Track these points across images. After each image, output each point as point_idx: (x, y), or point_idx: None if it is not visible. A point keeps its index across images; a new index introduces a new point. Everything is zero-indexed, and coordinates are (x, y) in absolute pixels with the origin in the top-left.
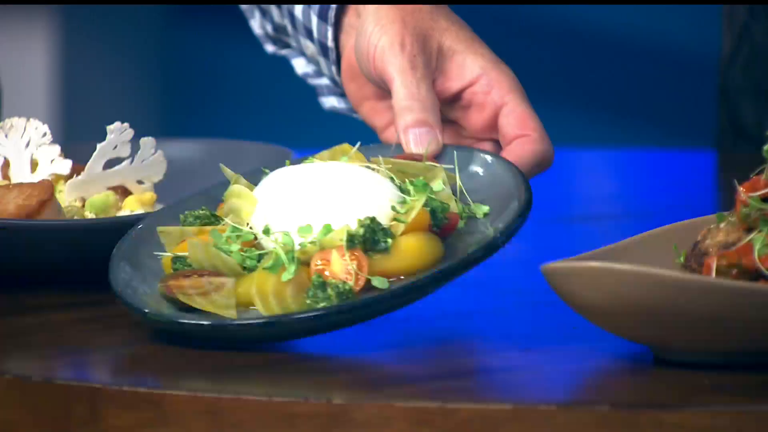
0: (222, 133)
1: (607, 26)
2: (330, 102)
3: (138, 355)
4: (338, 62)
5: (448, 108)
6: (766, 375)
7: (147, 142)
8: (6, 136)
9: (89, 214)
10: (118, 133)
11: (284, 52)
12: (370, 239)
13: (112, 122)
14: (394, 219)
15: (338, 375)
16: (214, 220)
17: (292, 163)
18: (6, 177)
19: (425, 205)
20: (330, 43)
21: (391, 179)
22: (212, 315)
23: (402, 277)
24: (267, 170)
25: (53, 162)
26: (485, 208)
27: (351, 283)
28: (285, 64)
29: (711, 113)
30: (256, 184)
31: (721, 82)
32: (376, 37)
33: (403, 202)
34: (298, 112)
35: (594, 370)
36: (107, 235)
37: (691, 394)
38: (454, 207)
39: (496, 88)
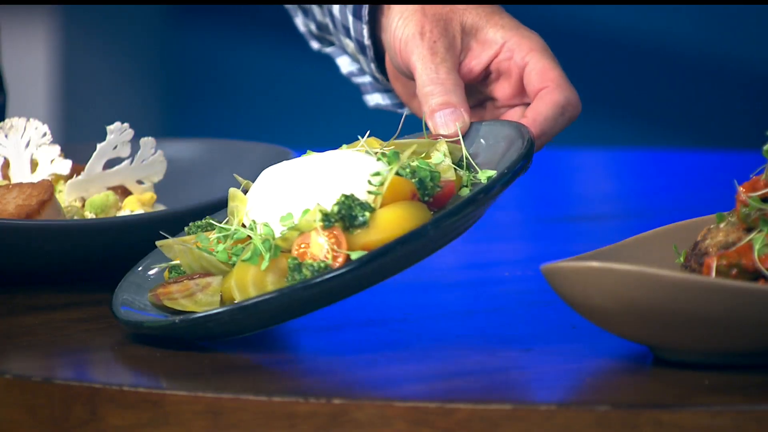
0: (222, 133)
1: (607, 26)
2: (374, 99)
3: (138, 355)
4: (376, 59)
5: (482, 85)
6: (766, 375)
7: (147, 142)
8: (6, 136)
9: (89, 214)
10: (118, 133)
11: (329, 50)
12: (347, 215)
13: (112, 122)
14: (368, 191)
15: (338, 375)
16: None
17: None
18: (6, 177)
19: (413, 175)
20: (366, 41)
21: (378, 157)
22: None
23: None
24: None
25: (53, 162)
26: (490, 173)
27: (328, 261)
28: (285, 64)
29: (711, 113)
30: None
31: None
32: (400, 30)
33: (377, 174)
34: (298, 112)
35: (594, 370)
36: (107, 235)
37: (691, 394)
38: (452, 175)
39: (517, 50)
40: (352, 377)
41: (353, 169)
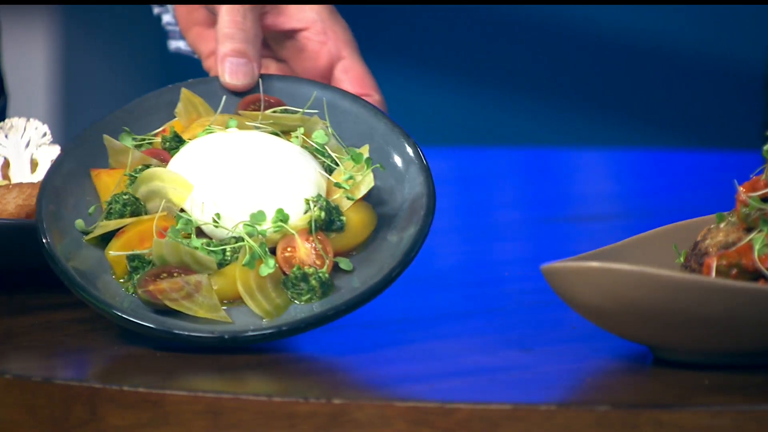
0: None
1: (607, 26)
2: (175, 44)
3: (138, 355)
4: None
5: (280, 47)
6: (766, 375)
7: None
8: (6, 136)
9: None
10: None
11: (157, 10)
12: (327, 220)
13: None
14: (346, 196)
15: (338, 375)
16: (138, 204)
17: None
18: (6, 177)
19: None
20: None
21: (311, 152)
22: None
23: (353, 253)
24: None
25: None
26: (364, 154)
27: (325, 269)
28: None
29: (711, 113)
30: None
31: None
32: None
33: (350, 178)
34: None
35: (594, 370)
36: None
37: (691, 394)
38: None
39: (333, 39)
40: (352, 377)
41: (310, 167)
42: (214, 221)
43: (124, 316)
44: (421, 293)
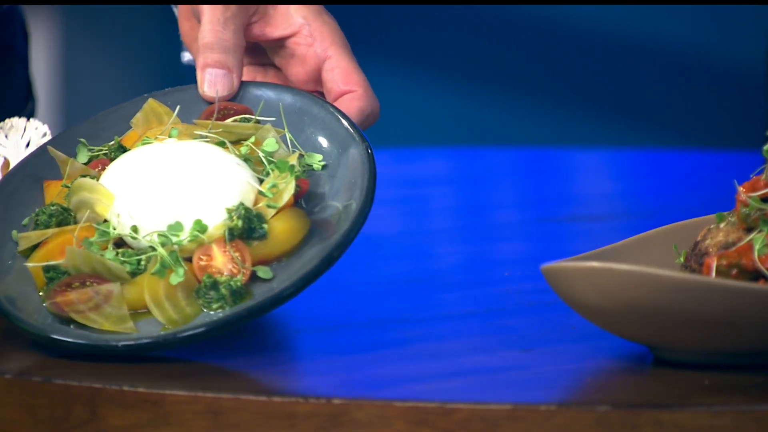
0: None
1: (607, 27)
2: (188, 55)
3: (138, 355)
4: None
5: (274, 55)
6: (766, 375)
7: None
8: (6, 136)
9: None
10: None
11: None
12: (246, 228)
13: None
14: (267, 204)
15: (338, 375)
16: (67, 214)
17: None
18: None
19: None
20: None
21: (245, 159)
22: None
23: (280, 260)
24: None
25: None
26: (318, 157)
27: (240, 278)
28: None
29: (711, 113)
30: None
31: None
32: None
33: (273, 186)
34: None
35: (594, 370)
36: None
37: (691, 394)
38: (297, 167)
39: (318, 40)
40: (352, 377)
41: (236, 175)
42: (132, 232)
43: (28, 328)
44: (421, 293)
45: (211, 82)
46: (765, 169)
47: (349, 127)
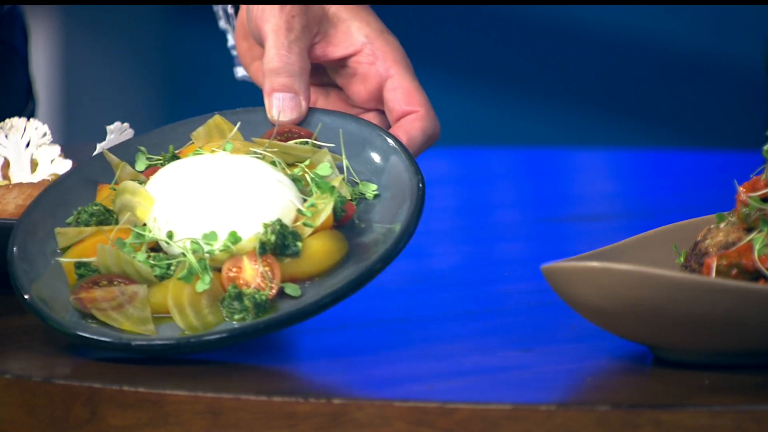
0: None
1: (607, 26)
2: (241, 71)
3: (137, 355)
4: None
5: (335, 74)
6: (766, 375)
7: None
8: (6, 136)
9: None
10: (118, 133)
11: (221, 24)
12: (280, 244)
13: (112, 122)
14: (303, 223)
15: (338, 375)
16: (109, 215)
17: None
18: (6, 177)
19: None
20: (230, 9)
21: (294, 179)
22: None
23: (312, 280)
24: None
25: (53, 162)
26: (373, 187)
27: (266, 292)
28: None
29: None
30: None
31: None
32: None
33: (312, 205)
34: None
35: (594, 370)
36: None
37: (691, 394)
38: (347, 193)
39: (381, 59)
40: (352, 377)
41: (279, 192)
42: (166, 238)
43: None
44: (421, 293)
45: (279, 107)
46: (765, 169)
47: (406, 159)
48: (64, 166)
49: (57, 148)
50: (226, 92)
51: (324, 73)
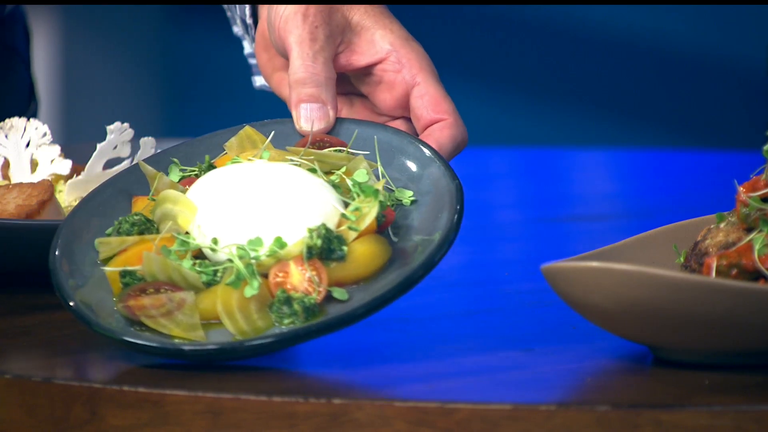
0: None
1: (607, 26)
2: (260, 80)
3: (138, 355)
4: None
5: (359, 83)
6: (766, 375)
7: (147, 142)
8: (6, 136)
9: None
10: (118, 133)
11: (236, 29)
12: (326, 249)
13: (112, 122)
14: (349, 226)
15: (338, 375)
16: (150, 225)
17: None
18: (6, 177)
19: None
20: (248, 19)
21: (333, 185)
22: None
23: (357, 284)
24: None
25: (53, 162)
26: (409, 193)
27: (314, 296)
28: None
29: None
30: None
31: None
32: (283, 7)
33: (357, 209)
34: None
35: (594, 370)
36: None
37: (691, 394)
38: (384, 198)
39: (407, 66)
40: (352, 377)
41: (322, 197)
42: (211, 244)
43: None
44: (421, 293)
45: (307, 117)
46: (765, 169)
47: (442, 165)
48: (64, 166)
49: (57, 148)
50: (226, 92)
51: (348, 83)
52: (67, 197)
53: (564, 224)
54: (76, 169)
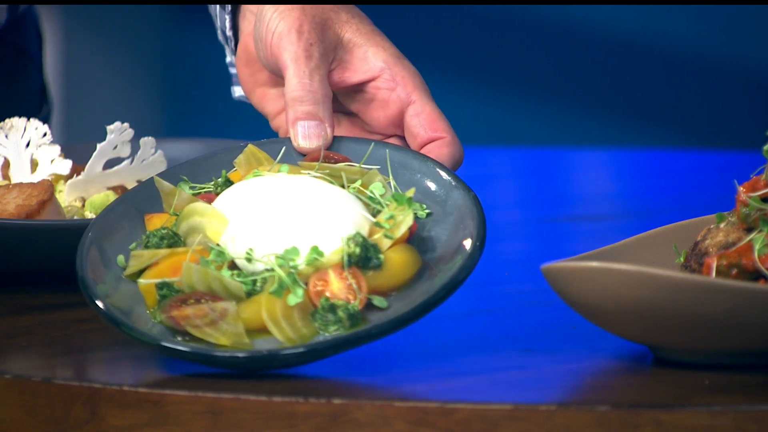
0: (222, 132)
1: (607, 26)
2: (239, 91)
3: (138, 355)
4: (237, 50)
5: (349, 100)
6: (766, 375)
7: (147, 142)
8: (6, 136)
9: (89, 214)
10: (118, 133)
11: (219, 36)
12: (363, 257)
13: (112, 122)
14: (384, 235)
15: (338, 375)
16: (177, 239)
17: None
18: (6, 177)
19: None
20: (228, 31)
21: (357, 197)
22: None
23: (392, 292)
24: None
25: (53, 162)
26: (423, 206)
27: (356, 303)
28: None
29: (711, 113)
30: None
31: None
32: (275, 23)
33: (391, 217)
34: None
35: (594, 370)
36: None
37: (691, 394)
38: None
39: (401, 84)
40: (352, 377)
41: (351, 206)
42: (247, 255)
43: (152, 340)
44: None
45: (305, 135)
46: (765, 169)
47: (450, 177)
48: (64, 166)
49: (57, 148)
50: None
51: (335, 101)
52: (67, 197)
53: (564, 224)
54: (76, 169)
